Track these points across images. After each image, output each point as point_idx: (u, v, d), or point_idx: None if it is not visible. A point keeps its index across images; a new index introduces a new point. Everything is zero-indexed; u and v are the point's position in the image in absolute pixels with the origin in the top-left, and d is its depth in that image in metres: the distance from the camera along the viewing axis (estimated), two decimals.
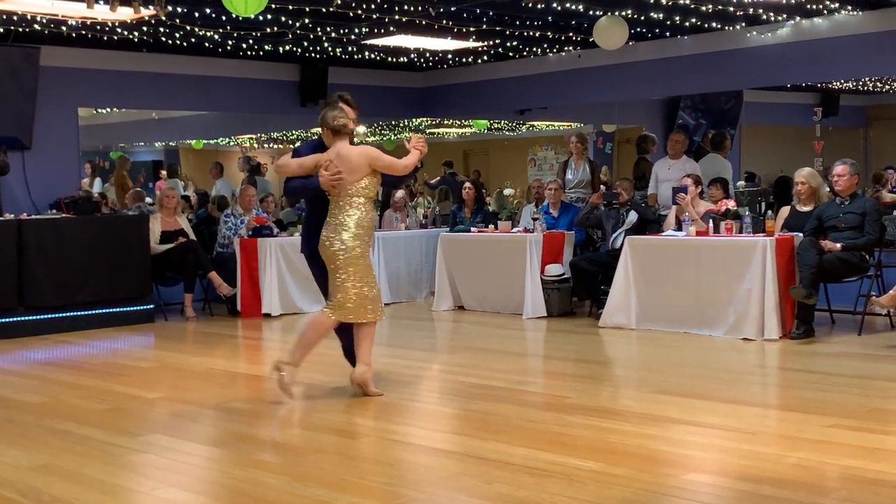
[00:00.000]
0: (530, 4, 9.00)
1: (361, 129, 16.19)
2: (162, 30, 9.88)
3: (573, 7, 9.23)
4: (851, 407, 5.66)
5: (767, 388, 6.71)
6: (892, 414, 5.62)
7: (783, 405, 6.05)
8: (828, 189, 8.72)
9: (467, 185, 11.77)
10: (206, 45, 10.76)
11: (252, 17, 8.03)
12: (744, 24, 10.34)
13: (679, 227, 8.88)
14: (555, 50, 11.82)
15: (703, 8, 9.46)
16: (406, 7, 9.14)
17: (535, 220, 10.07)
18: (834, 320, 8.80)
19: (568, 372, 7.36)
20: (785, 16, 9.96)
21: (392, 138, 18.11)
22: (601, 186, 10.62)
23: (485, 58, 12.31)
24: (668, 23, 10.10)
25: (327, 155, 5.99)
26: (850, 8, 9.62)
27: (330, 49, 11.35)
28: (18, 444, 5.14)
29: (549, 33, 10.70)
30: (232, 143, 18.31)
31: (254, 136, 18.06)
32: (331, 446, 5.05)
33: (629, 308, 8.69)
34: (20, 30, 9.65)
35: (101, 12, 8.35)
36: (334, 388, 6.30)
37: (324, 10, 9.04)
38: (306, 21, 9.60)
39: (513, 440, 4.96)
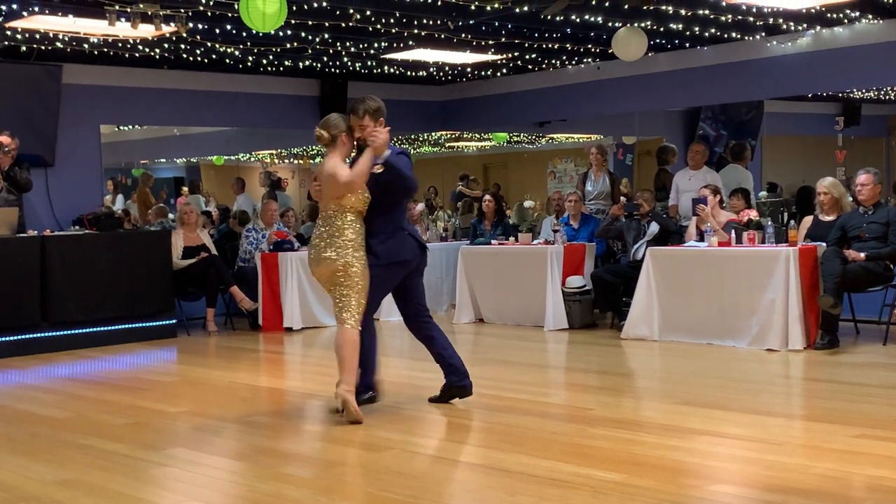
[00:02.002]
0: (549, 17, 9.01)
1: None
2: (183, 46, 9.95)
3: (592, 19, 9.23)
4: (877, 417, 5.61)
5: (792, 399, 6.66)
6: None
7: (808, 415, 6.00)
8: (850, 199, 8.67)
9: (487, 197, 11.78)
10: (227, 61, 10.84)
11: (271, 32, 8.09)
12: (764, 34, 10.31)
13: (701, 238, 8.84)
14: (574, 62, 11.83)
15: (723, 18, 9.43)
16: (425, 21, 9.17)
17: (555, 231, 10.06)
18: (858, 330, 8.73)
19: (590, 384, 7.33)
20: (805, 25, 9.92)
21: (412, 152, 18.15)
22: (621, 198, 10.60)
23: (504, 71, 12.33)
24: (688, 33, 10.08)
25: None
26: (870, 16, 9.57)
27: (349, 64, 11.39)
28: (43, 459, 5.16)
29: (567, 45, 10.70)
30: (253, 159, 18.42)
31: (274, 152, 18.16)
32: (354, 459, 5.05)
33: (651, 319, 8.66)
34: (42, 48, 9.75)
35: (123, 30, 8.46)
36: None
37: (343, 24, 9.08)
38: (326, 36, 9.65)
39: (536, 452, 4.94)
